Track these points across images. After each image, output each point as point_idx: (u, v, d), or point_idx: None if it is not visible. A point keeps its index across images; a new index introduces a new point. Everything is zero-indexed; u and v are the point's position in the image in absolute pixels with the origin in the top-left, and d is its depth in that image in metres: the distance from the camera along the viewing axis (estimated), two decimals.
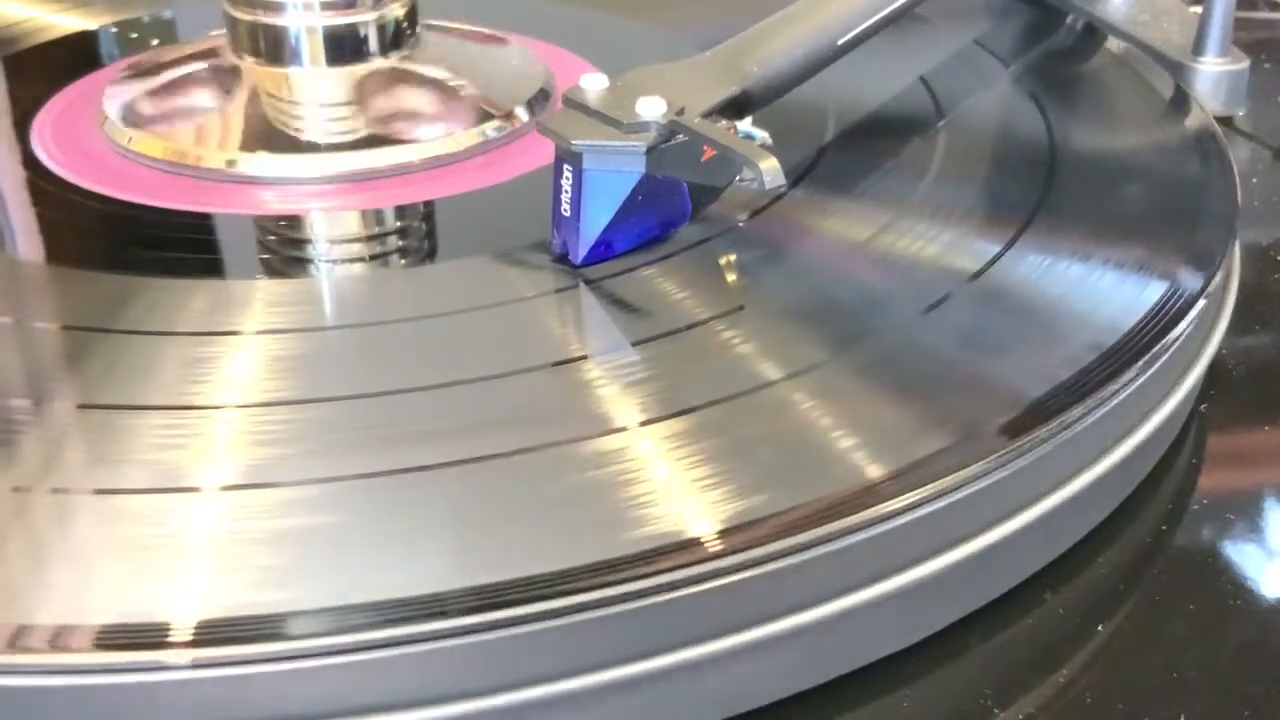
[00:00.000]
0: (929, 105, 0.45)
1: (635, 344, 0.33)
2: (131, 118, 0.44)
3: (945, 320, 0.33)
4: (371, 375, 0.31)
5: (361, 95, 0.44)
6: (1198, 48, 0.51)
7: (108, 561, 0.26)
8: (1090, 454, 0.31)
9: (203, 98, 0.45)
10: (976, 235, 0.37)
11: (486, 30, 0.50)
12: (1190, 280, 0.35)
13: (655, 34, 0.52)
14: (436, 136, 0.43)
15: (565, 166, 0.35)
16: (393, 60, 0.45)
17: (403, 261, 0.39)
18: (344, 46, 0.44)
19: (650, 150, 0.35)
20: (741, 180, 0.37)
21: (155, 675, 0.24)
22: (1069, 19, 0.53)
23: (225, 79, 0.45)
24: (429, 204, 0.41)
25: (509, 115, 0.44)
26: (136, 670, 0.24)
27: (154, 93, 0.46)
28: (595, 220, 0.35)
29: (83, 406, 0.31)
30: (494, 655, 0.25)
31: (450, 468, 0.28)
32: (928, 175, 0.40)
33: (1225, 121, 0.51)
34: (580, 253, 0.35)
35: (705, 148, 0.35)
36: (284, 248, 0.40)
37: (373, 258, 0.39)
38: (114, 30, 0.54)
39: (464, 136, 0.43)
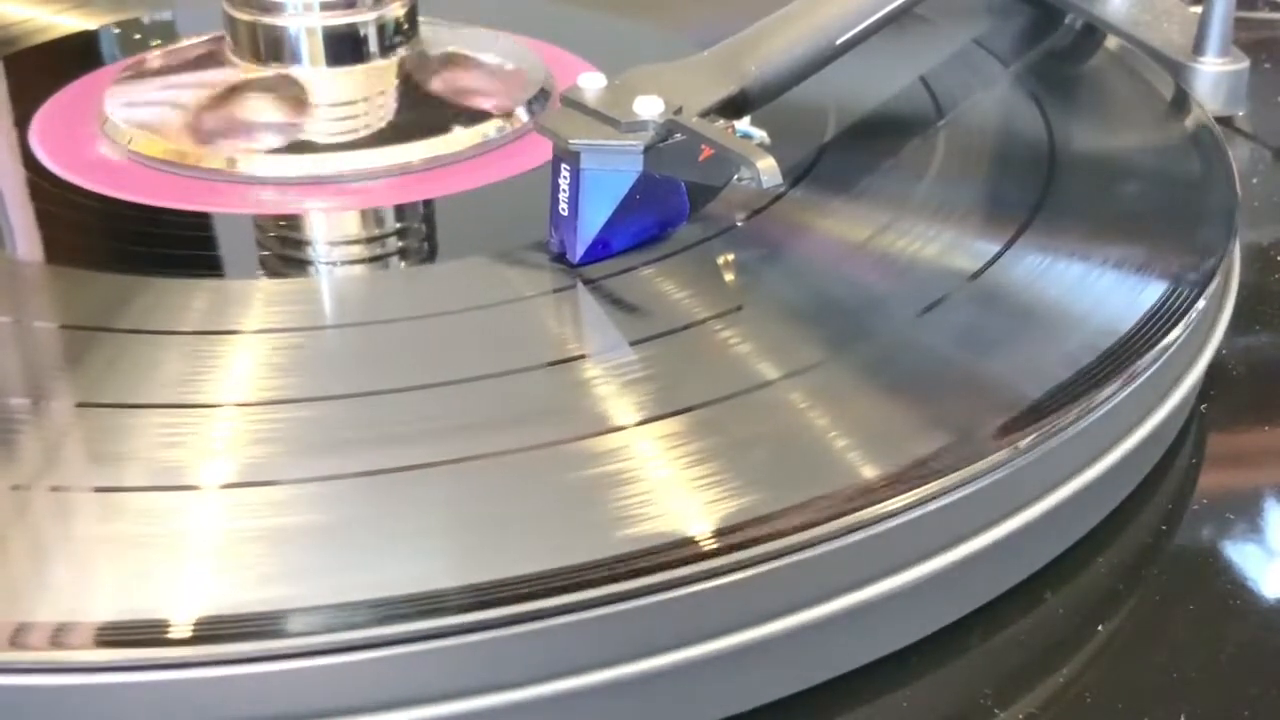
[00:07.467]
0: (929, 105, 0.45)
1: (633, 343, 0.33)
2: (131, 118, 0.44)
3: (944, 320, 0.33)
4: (371, 374, 0.31)
5: (361, 95, 0.44)
6: (1198, 48, 0.51)
7: (107, 559, 0.26)
8: (1090, 454, 0.31)
9: (203, 98, 0.45)
10: (976, 235, 0.37)
11: (486, 30, 0.50)
12: (1190, 280, 0.34)
13: (655, 34, 0.52)
14: (436, 136, 0.43)
15: (563, 166, 0.35)
16: (392, 60, 0.45)
17: (402, 261, 0.39)
18: (343, 47, 0.44)
19: (648, 149, 0.35)
20: (740, 180, 0.37)
21: (154, 673, 0.24)
22: (1069, 19, 0.52)
23: (225, 79, 0.45)
24: (429, 204, 0.41)
25: (509, 115, 0.44)
26: (135, 668, 0.24)
27: (154, 93, 0.46)
28: (593, 219, 0.35)
29: (82, 405, 0.31)
30: (492, 654, 0.25)
31: (449, 466, 0.28)
32: (927, 175, 0.40)
33: (1225, 121, 0.51)
34: (578, 252, 0.35)
35: (703, 147, 0.35)
36: (284, 247, 0.40)
37: (372, 258, 0.39)
38: (114, 30, 0.54)
39: (464, 136, 0.43)
